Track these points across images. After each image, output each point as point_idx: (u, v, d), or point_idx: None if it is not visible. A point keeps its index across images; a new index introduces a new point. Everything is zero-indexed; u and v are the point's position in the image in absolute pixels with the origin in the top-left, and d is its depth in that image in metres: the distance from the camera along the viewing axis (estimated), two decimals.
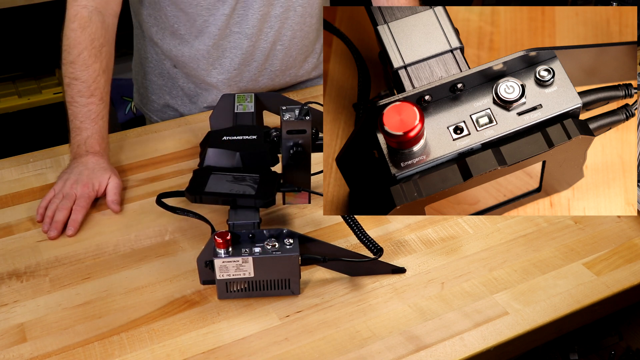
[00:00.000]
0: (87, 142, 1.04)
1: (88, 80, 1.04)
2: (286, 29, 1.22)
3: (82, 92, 1.04)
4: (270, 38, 1.22)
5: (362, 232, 0.86)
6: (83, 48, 1.04)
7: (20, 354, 0.79)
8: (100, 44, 1.06)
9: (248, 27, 1.19)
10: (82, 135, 1.04)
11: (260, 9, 1.17)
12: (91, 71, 1.05)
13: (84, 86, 1.04)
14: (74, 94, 1.05)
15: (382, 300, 0.86)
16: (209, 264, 0.82)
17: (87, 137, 1.04)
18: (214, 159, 0.90)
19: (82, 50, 1.04)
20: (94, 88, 1.05)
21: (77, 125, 1.05)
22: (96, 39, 1.06)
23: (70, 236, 0.95)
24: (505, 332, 0.82)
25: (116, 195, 1.01)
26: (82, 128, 1.04)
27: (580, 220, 0.98)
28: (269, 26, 1.20)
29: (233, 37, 1.20)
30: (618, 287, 0.88)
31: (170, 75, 1.27)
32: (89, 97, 1.04)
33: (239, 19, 1.18)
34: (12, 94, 1.99)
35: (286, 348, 0.79)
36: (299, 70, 1.31)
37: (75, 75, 1.05)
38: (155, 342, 0.80)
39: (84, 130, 1.04)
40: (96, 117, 1.05)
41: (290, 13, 1.21)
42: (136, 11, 1.25)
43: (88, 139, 1.04)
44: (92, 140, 1.04)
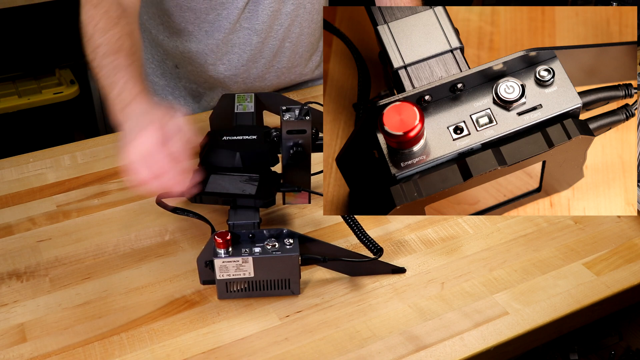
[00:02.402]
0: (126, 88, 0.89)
1: (110, 42, 0.95)
2: (295, 26, 1.22)
3: (107, 53, 0.94)
4: (279, 35, 1.21)
5: (362, 232, 0.86)
6: (98, 20, 0.97)
7: (20, 354, 0.79)
8: (116, 15, 0.98)
9: (258, 23, 1.18)
10: (118, 85, 0.90)
11: (271, 5, 1.17)
12: (111, 34, 0.96)
13: (107, 47, 0.95)
14: (99, 60, 0.94)
15: (382, 300, 0.86)
16: (209, 264, 0.82)
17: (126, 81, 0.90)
18: (214, 159, 0.90)
19: (98, 21, 0.97)
20: (117, 47, 0.94)
21: (111, 80, 0.92)
22: (111, 10, 0.98)
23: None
24: (505, 332, 0.82)
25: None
26: (117, 79, 0.91)
27: (580, 220, 0.98)
28: (279, 23, 1.20)
29: (243, 32, 1.19)
30: (618, 287, 0.88)
31: (173, 75, 1.27)
32: (115, 54, 0.93)
33: (249, 15, 1.18)
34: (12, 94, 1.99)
35: (286, 348, 0.80)
36: (305, 68, 1.31)
37: (97, 43, 0.96)
38: (155, 342, 0.80)
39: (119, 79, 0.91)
40: (127, 66, 0.92)
41: (301, 10, 1.21)
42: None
43: (127, 83, 0.90)
44: (131, 84, 0.90)
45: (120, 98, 0.89)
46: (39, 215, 1.00)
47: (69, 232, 0.97)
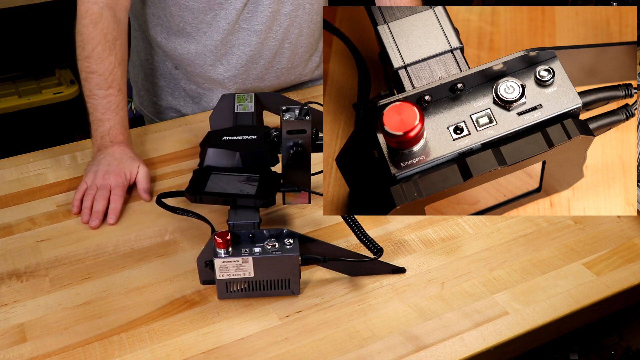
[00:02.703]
0: (110, 133, 1.05)
1: (105, 73, 1.06)
2: (294, 26, 1.22)
3: (100, 85, 1.06)
4: (279, 36, 1.21)
5: (362, 232, 0.86)
6: (97, 43, 1.06)
7: (20, 354, 0.79)
8: (113, 37, 1.07)
9: (257, 23, 1.18)
10: (105, 126, 1.05)
11: (270, 6, 1.17)
12: (107, 64, 1.06)
13: (101, 79, 1.06)
14: (92, 87, 1.06)
15: (382, 300, 0.86)
16: (209, 264, 0.82)
17: (110, 127, 1.05)
18: (214, 159, 0.90)
19: (96, 45, 1.06)
20: (111, 80, 1.06)
21: (98, 117, 1.06)
22: (109, 32, 1.07)
23: (113, 224, 0.97)
24: (505, 332, 0.82)
25: (147, 183, 1.03)
26: (104, 119, 1.05)
27: (580, 220, 0.98)
28: (279, 24, 1.20)
29: (242, 33, 1.19)
30: (618, 287, 0.88)
31: (173, 76, 1.27)
32: (108, 89, 1.06)
33: (248, 15, 1.18)
34: (12, 94, 1.99)
35: (286, 348, 0.79)
36: (304, 68, 1.31)
37: (92, 69, 1.06)
38: (155, 342, 0.80)
39: (105, 121, 1.05)
40: (116, 107, 1.06)
41: (300, 11, 1.21)
42: (137, 12, 1.24)
43: (111, 130, 1.05)
44: (115, 131, 1.06)
45: (102, 139, 1.05)
46: (39, 215, 1.00)
47: (69, 232, 0.97)
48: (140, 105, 1.38)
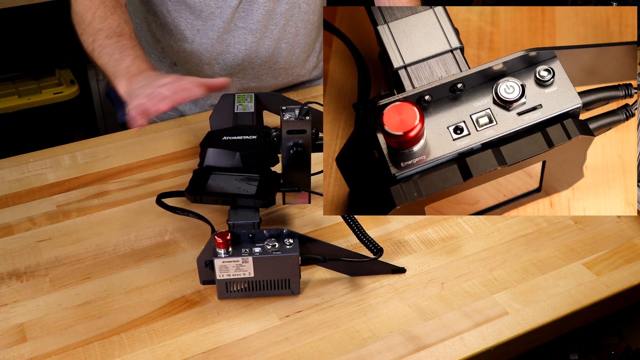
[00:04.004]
0: (135, 63, 0.93)
1: (112, 26, 0.98)
2: (291, 26, 1.22)
3: (110, 35, 0.97)
4: (275, 35, 1.22)
5: (362, 232, 0.86)
6: (96, 8, 1.00)
7: (20, 354, 0.79)
8: (112, 5, 1.01)
9: (252, 22, 1.18)
10: (127, 60, 0.94)
11: (266, 5, 1.17)
12: (111, 21, 0.99)
13: (110, 31, 0.98)
14: (102, 41, 0.97)
15: (382, 300, 0.86)
16: (209, 264, 0.82)
17: (134, 59, 0.94)
18: (214, 159, 0.90)
19: (95, 10, 1.00)
20: (119, 31, 0.98)
21: (117, 57, 0.94)
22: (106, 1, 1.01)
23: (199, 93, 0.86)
24: (505, 332, 0.82)
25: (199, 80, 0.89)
26: (124, 56, 0.94)
27: (580, 220, 0.98)
28: (274, 23, 1.20)
29: (237, 32, 1.19)
30: (618, 287, 0.88)
31: (169, 73, 1.27)
32: (119, 36, 0.97)
33: (244, 14, 1.18)
34: (12, 94, 1.98)
35: (286, 348, 0.80)
36: (302, 69, 1.31)
37: (97, 28, 0.98)
38: (155, 342, 0.80)
39: (127, 57, 0.94)
40: (133, 48, 0.96)
41: (295, 10, 1.21)
42: (134, 9, 1.25)
43: (136, 60, 0.94)
44: (139, 61, 0.94)
45: (129, 69, 0.92)
46: (39, 215, 1.00)
47: (69, 232, 0.97)
48: None
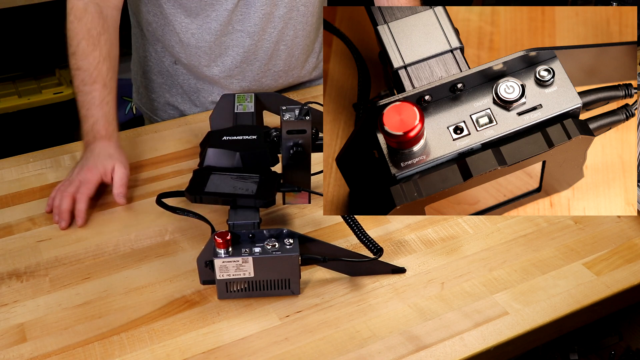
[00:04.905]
0: (93, 128, 1.05)
1: (89, 68, 1.05)
2: (289, 28, 1.22)
3: (85, 80, 1.05)
4: (273, 38, 1.22)
5: (362, 232, 0.86)
6: (81, 38, 1.06)
7: (20, 354, 0.79)
8: (97, 32, 1.07)
9: (250, 25, 1.18)
10: (89, 122, 1.05)
11: (263, 8, 1.17)
12: (91, 59, 1.06)
13: (86, 74, 1.05)
14: (78, 83, 1.06)
15: (382, 300, 0.86)
16: (209, 264, 0.82)
17: (94, 122, 1.05)
18: (214, 159, 0.90)
19: (80, 40, 1.06)
20: (95, 75, 1.05)
21: (84, 113, 1.06)
22: (93, 28, 1.06)
23: (81, 226, 0.96)
24: (505, 332, 0.82)
25: (121, 187, 1.01)
26: (88, 115, 1.05)
27: (580, 220, 0.98)
28: (273, 26, 1.20)
29: (235, 34, 1.19)
30: (618, 287, 0.88)
31: (170, 73, 1.27)
32: (92, 85, 1.05)
33: (241, 17, 1.18)
34: (12, 94, 1.99)
35: (286, 348, 0.79)
36: (301, 70, 1.31)
37: (77, 65, 1.06)
38: (155, 342, 0.80)
39: (90, 117, 1.05)
40: (100, 102, 1.05)
41: (294, 13, 1.21)
42: (135, 9, 1.25)
43: (94, 125, 1.05)
44: (98, 126, 1.05)
45: (87, 135, 1.05)
46: (39, 215, 1.00)
47: (69, 232, 0.97)
48: (139, 102, 1.38)
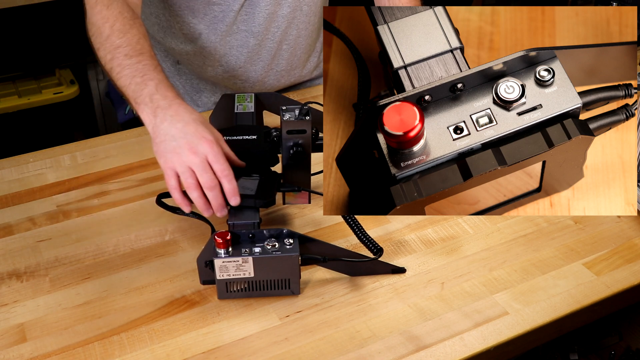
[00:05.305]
0: (158, 91, 0.87)
1: (131, 42, 0.92)
2: (292, 28, 1.22)
3: (130, 54, 0.91)
4: (277, 37, 1.22)
5: (362, 232, 0.86)
6: (114, 20, 0.95)
7: (20, 354, 0.79)
8: (130, 16, 0.97)
9: (254, 25, 1.19)
10: (149, 86, 0.87)
11: (267, 8, 1.17)
12: (130, 36, 0.93)
13: (129, 48, 0.92)
14: (121, 60, 0.91)
15: (382, 300, 0.86)
16: (209, 264, 0.82)
17: (156, 84, 0.87)
18: None
19: (114, 22, 0.94)
20: (139, 47, 0.92)
21: (138, 81, 0.88)
22: (125, 11, 0.97)
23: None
24: (505, 332, 0.82)
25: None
26: (146, 79, 0.88)
27: (580, 220, 0.98)
28: (276, 26, 1.20)
29: (240, 34, 1.20)
30: (618, 287, 0.88)
31: (171, 73, 1.27)
32: (139, 56, 0.91)
33: (246, 17, 1.18)
34: (12, 94, 1.98)
35: (286, 348, 0.80)
36: (303, 70, 1.31)
37: (116, 44, 0.93)
38: (155, 342, 0.80)
39: (149, 81, 0.88)
40: (154, 69, 0.90)
41: (297, 13, 1.21)
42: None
43: (158, 87, 0.87)
44: (163, 87, 0.87)
45: (153, 98, 0.86)
46: (39, 215, 1.00)
47: (69, 232, 0.97)
48: None
